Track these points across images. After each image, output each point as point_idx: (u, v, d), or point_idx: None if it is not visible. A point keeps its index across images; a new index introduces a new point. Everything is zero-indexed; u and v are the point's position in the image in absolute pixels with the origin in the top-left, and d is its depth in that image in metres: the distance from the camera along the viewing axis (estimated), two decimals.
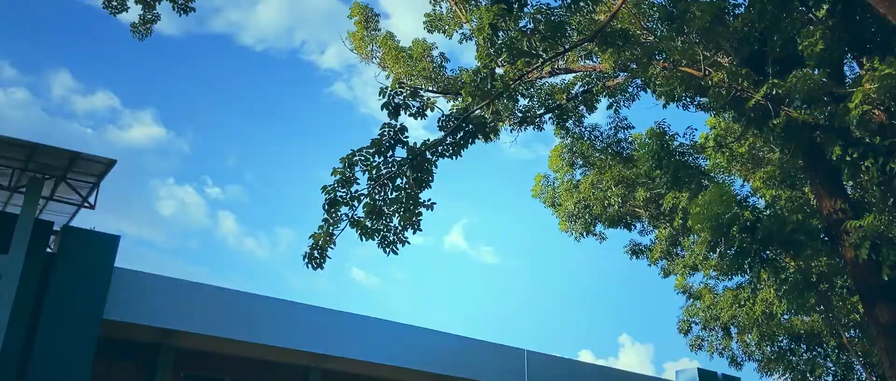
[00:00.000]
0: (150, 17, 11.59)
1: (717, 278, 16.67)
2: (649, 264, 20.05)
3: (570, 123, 17.48)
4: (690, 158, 14.25)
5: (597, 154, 19.40)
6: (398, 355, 20.62)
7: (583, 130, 18.92)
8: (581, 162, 20.66)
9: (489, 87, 9.85)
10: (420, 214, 10.65)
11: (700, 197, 12.08)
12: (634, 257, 21.03)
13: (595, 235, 21.36)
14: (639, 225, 20.85)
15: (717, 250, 13.72)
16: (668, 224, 17.51)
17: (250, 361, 20.40)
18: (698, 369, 27.32)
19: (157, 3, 11.36)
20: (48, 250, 15.86)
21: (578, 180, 20.84)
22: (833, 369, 13.96)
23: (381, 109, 9.80)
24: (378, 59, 17.07)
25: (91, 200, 16.15)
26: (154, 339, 18.10)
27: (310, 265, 10.68)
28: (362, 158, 9.94)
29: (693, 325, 16.39)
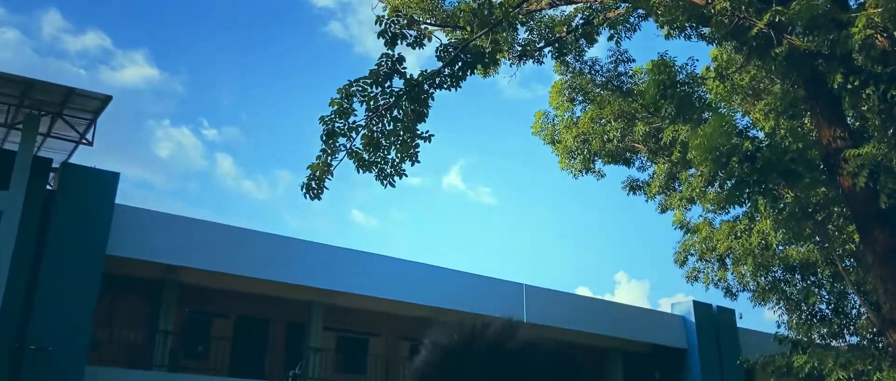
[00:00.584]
0: None
1: (715, 212, 16.73)
2: (647, 200, 20.10)
3: (569, 58, 17.25)
4: (693, 90, 14.12)
5: (597, 89, 19.25)
6: (399, 290, 20.93)
7: (583, 65, 18.71)
8: (581, 98, 20.51)
9: (488, 13, 9.69)
10: (418, 146, 10.63)
11: (700, 129, 12.03)
12: (632, 193, 21.08)
13: (593, 172, 21.36)
14: (637, 161, 20.84)
15: (716, 182, 13.77)
16: (666, 159, 17.47)
17: (254, 297, 20.72)
18: (693, 301, 27.81)
19: None
20: (48, 187, 15.90)
21: (578, 117, 20.74)
22: (827, 297, 14.17)
23: (378, 36, 9.67)
24: None
25: (88, 136, 16.12)
26: (158, 275, 18.33)
27: (307, 196, 10.70)
28: (360, 88, 9.86)
29: (689, 257, 16.53)
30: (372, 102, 10.01)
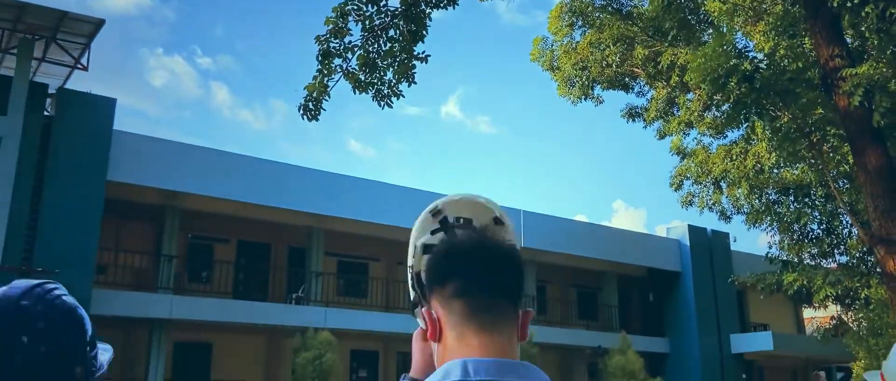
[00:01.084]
0: None
1: (712, 136, 16.80)
2: (645, 127, 20.16)
3: None
4: (695, 3, 13.98)
5: (596, 13, 19.06)
6: (398, 216, 21.16)
7: None
8: (580, 22, 20.32)
9: None
10: (414, 66, 10.61)
11: (700, 50, 11.99)
12: (631, 120, 21.13)
13: (592, 98, 21.34)
14: (636, 86, 20.79)
15: (714, 104, 13.80)
16: (665, 83, 17.43)
17: (254, 222, 20.99)
18: (688, 225, 28.21)
19: None
20: (46, 113, 15.91)
21: (577, 42, 20.58)
22: (818, 218, 14.40)
23: None
24: None
25: (83, 61, 16.02)
26: (159, 201, 18.53)
27: (305, 117, 10.76)
28: (355, 7, 9.78)
29: (685, 181, 16.72)
30: (367, 22, 9.95)
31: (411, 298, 1.34)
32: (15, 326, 1.08)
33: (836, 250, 14.90)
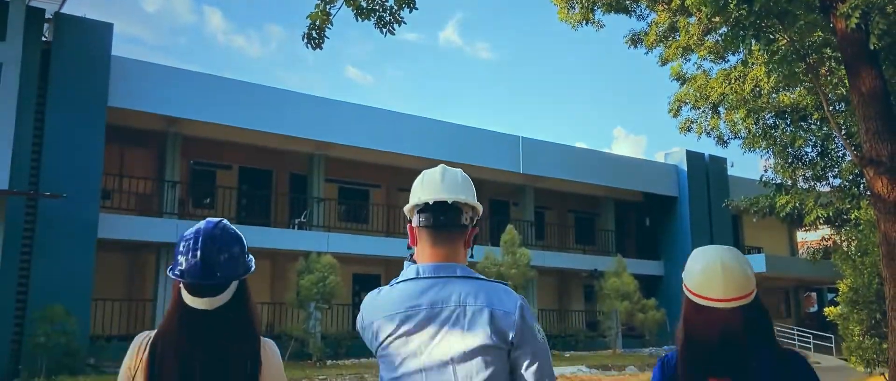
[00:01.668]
0: None
1: (712, 61, 16.78)
2: (646, 52, 20.07)
3: None
4: None
5: None
6: (398, 142, 21.37)
7: None
8: None
9: None
10: None
11: None
12: (633, 46, 20.99)
13: (593, 22, 21.14)
14: (637, 9, 20.58)
15: (714, 28, 13.75)
16: (666, 6, 17.28)
17: (256, 149, 21.19)
18: (686, 151, 28.43)
19: None
20: (43, 38, 15.86)
21: None
22: (813, 140, 14.58)
23: None
24: None
25: None
26: (161, 127, 18.67)
27: (309, 45, 10.80)
28: None
29: (683, 106, 16.78)
30: None
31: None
32: (224, 237, 1.92)
33: (829, 173, 15.12)
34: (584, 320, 27.79)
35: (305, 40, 10.83)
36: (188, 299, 1.86)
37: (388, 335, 1.85)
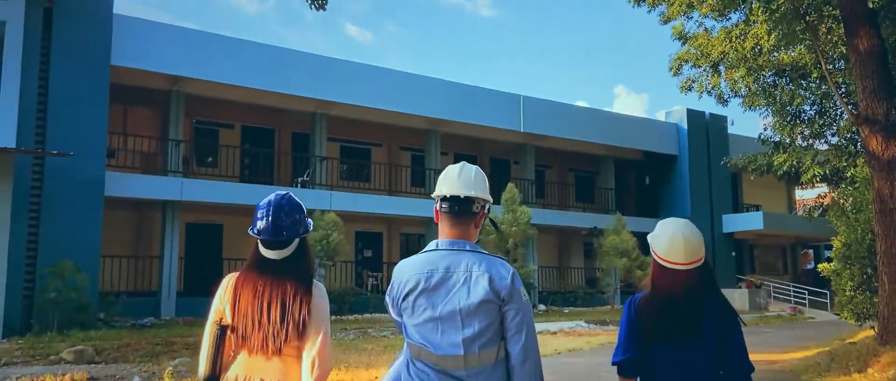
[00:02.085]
0: None
1: (715, 18, 16.77)
2: (649, 11, 20.01)
3: None
4: None
5: None
6: (399, 101, 21.44)
7: None
8: None
9: None
10: None
11: None
12: (636, 5, 20.90)
13: None
14: None
15: None
16: None
17: (259, 107, 21.29)
18: (687, 109, 28.49)
19: None
20: None
21: None
22: (812, 98, 14.67)
23: None
24: None
25: None
26: (164, 85, 18.75)
27: (313, 6, 10.97)
28: None
29: (684, 65, 16.84)
30: None
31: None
32: (289, 206, 2.57)
33: (827, 131, 15.26)
34: (584, 276, 28.22)
35: (310, 1, 10.96)
36: (263, 251, 2.59)
37: (411, 290, 2.43)
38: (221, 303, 2.58)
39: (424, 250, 2.54)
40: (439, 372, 2.37)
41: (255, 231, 2.57)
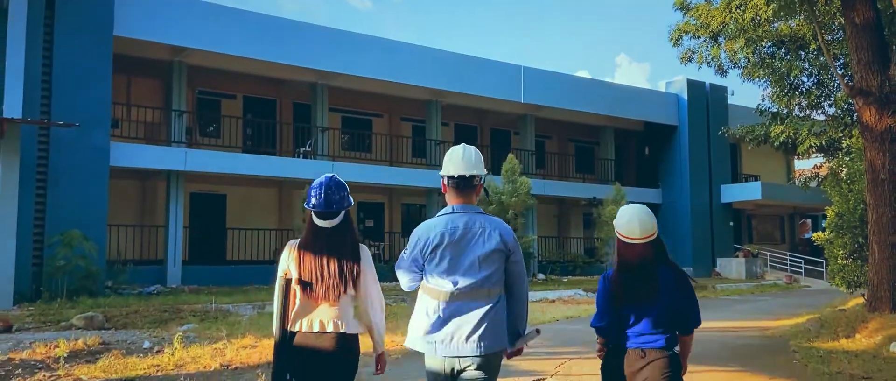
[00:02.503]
0: None
1: None
2: None
3: None
4: None
5: None
6: (400, 72, 21.52)
7: None
8: None
9: None
10: None
11: None
12: None
13: None
14: None
15: None
16: None
17: (260, 78, 21.40)
18: (687, 79, 28.53)
19: None
20: None
21: None
22: (809, 70, 14.77)
23: None
24: None
25: None
26: (166, 56, 18.85)
27: None
28: None
29: (683, 36, 16.89)
30: None
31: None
32: (336, 186, 3.23)
33: (825, 102, 15.40)
34: (583, 246, 28.53)
35: None
36: (317, 220, 3.26)
37: (438, 244, 3.17)
38: (286, 263, 3.26)
39: (441, 213, 3.26)
40: (456, 302, 3.15)
41: (310, 205, 3.23)
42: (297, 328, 3.21)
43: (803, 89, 14.91)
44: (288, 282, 3.21)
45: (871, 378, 7.16)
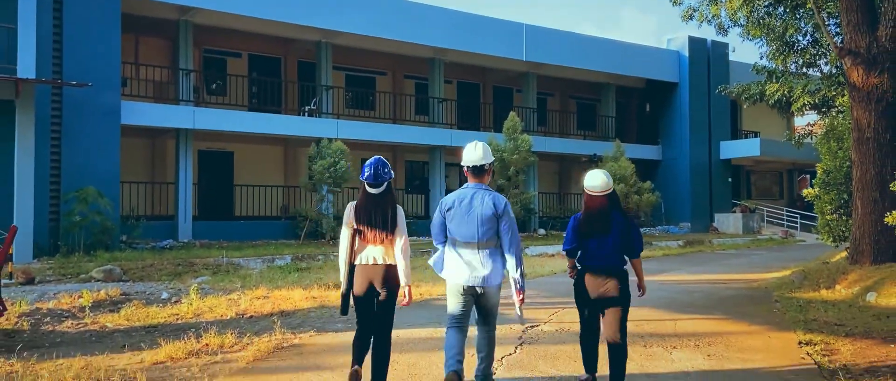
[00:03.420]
0: None
1: None
2: None
3: None
4: None
5: None
6: (403, 30, 21.72)
7: None
8: None
9: None
10: None
11: None
12: None
13: None
14: None
15: None
16: None
17: (265, 37, 21.64)
18: (689, 36, 28.62)
19: None
20: None
21: None
22: (805, 28, 14.98)
23: None
24: None
25: None
26: (173, 15, 19.10)
27: None
28: None
29: None
30: None
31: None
32: (382, 164, 4.69)
33: (820, 61, 15.62)
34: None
35: None
36: (368, 188, 4.64)
37: (451, 207, 4.74)
38: (348, 216, 4.71)
39: (461, 188, 4.85)
40: (465, 248, 4.70)
41: (364, 178, 4.67)
42: (357, 262, 4.68)
43: (799, 48, 15.14)
44: (352, 231, 4.66)
45: (844, 325, 7.66)
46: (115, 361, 5.86)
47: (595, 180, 4.91)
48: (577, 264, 5.00)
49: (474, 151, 4.78)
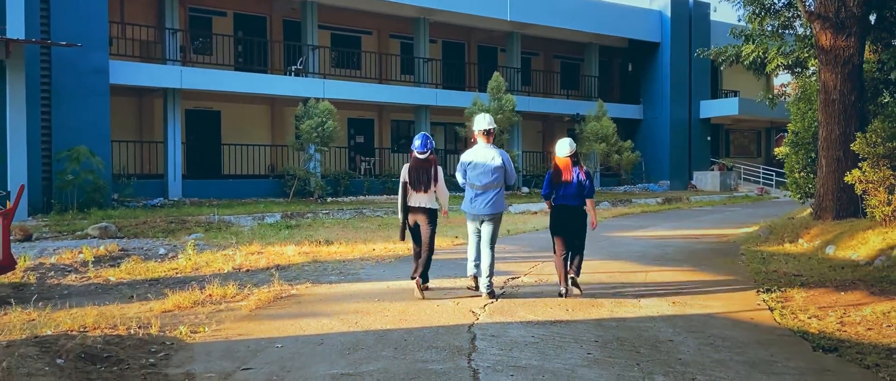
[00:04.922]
0: None
1: None
2: None
3: None
4: None
5: None
6: None
7: None
8: None
9: None
10: None
11: None
12: None
13: None
14: None
15: None
16: None
17: None
18: None
19: None
20: None
21: None
22: None
23: None
24: None
25: None
26: None
27: None
28: None
29: None
30: None
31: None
32: (427, 139, 6.99)
33: (796, 22, 16.00)
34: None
35: None
36: (417, 154, 6.89)
37: (470, 161, 6.81)
38: (404, 175, 6.86)
39: (476, 146, 6.82)
40: (479, 189, 6.73)
41: (414, 146, 6.91)
42: (410, 203, 6.88)
43: (774, 10, 15.50)
44: (405, 184, 6.83)
45: (801, 275, 8.26)
46: (125, 310, 6.32)
47: (563, 149, 7.00)
48: (553, 204, 7.03)
49: (484, 120, 6.89)
